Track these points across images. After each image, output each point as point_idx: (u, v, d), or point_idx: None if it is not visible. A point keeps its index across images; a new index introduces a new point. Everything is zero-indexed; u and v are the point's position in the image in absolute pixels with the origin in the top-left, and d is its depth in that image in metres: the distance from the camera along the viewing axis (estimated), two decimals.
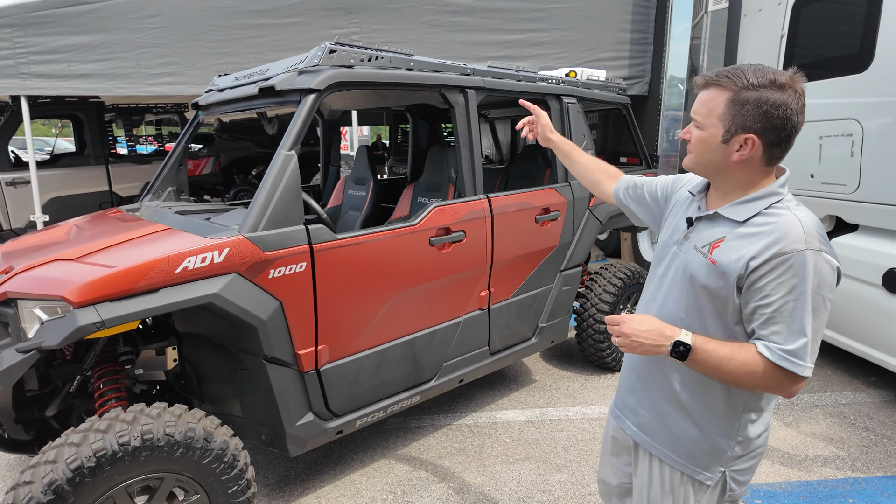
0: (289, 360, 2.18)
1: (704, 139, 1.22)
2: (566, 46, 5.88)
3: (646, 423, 1.43)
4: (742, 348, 1.18)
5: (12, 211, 6.26)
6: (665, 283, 1.38)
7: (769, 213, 1.20)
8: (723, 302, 1.23)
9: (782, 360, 1.14)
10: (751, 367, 1.16)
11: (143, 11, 5.27)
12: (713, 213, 1.29)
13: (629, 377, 1.50)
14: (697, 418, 1.33)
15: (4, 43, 5.16)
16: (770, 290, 1.15)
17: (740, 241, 1.20)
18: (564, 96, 3.31)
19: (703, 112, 1.22)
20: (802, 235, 1.13)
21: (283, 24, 5.43)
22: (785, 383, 1.16)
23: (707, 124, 1.21)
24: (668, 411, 1.37)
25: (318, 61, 2.27)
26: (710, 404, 1.31)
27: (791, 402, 3.46)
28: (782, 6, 4.09)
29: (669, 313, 1.34)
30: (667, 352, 1.21)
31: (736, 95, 1.16)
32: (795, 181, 3.97)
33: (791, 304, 1.13)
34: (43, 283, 1.84)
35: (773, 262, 1.14)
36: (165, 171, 3.10)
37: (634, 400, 1.47)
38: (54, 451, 1.73)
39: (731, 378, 1.19)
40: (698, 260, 1.27)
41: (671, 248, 1.39)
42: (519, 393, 3.63)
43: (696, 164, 1.29)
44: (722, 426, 1.31)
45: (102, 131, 6.83)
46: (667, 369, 1.36)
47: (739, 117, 1.16)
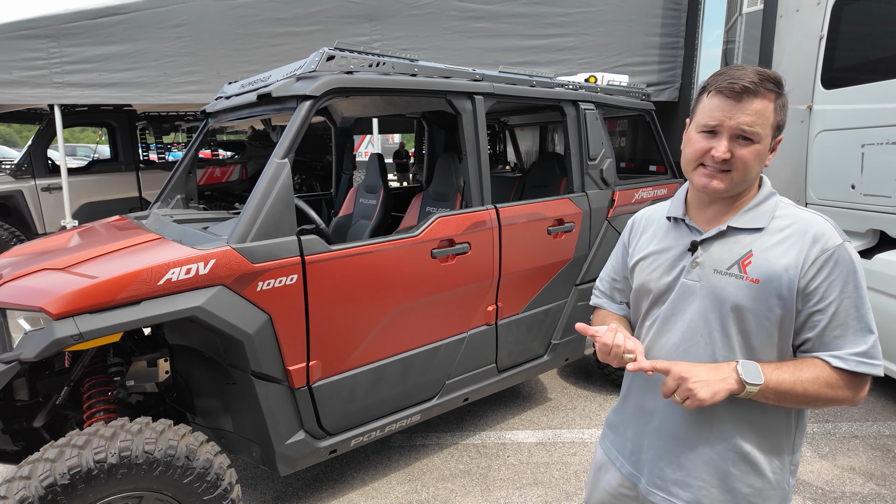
0: (278, 376, 2.10)
1: (760, 151, 1.09)
2: (592, 51, 5.71)
3: (705, 495, 1.16)
4: (804, 362, 1.06)
5: (47, 216, 6.46)
6: (682, 323, 1.17)
7: (782, 214, 1.12)
8: (776, 323, 1.08)
9: (860, 366, 1.03)
10: (825, 380, 1.04)
11: (171, 21, 5.36)
12: (725, 227, 1.13)
13: (662, 446, 1.22)
14: (763, 464, 1.13)
15: (39, 53, 5.33)
16: (824, 293, 1.05)
17: (776, 251, 1.08)
18: (582, 102, 3.16)
19: (762, 123, 1.07)
20: (833, 229, 1.07)
21: (306, 32, 5.45)
22: (857, 391, 1.06)
23: (764, 134, 1.08)
24: (730, 471, 1.14)
25: (316, 67, 2.20)
26: (773, 443, 1.14)
27: (828, 432, 3.19)
28: (821, 6, 3.84)
29: (706, 355, 1.13)
30: (736, 382, 1.02)
31: (779, 100, 1.09)
32: (834, 193, 3.70)
33: (848, 302, 1.05)
34: (26, 292, 1.81)
35: (819, 261, 1.05)
36: (175, 178, 3.09)
37: (682, 471, 1.19)
38: (29, 466, 1.68)
39: (806, 397, 1.04)
40: (734, 284, 1.10)
41: (673, 283, 1.19)
42: (532, 412, 3.47)
43: (741, 182, 1.10)
44: (780, 462, 1.15)
45: (133, 139, 7.01)
46: (716, 418, 1.14)
47: (783, 119, 1.12)
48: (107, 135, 7.34)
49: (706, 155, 1.11)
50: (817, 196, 3.88)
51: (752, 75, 1.06)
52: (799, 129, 4.03)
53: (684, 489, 1.19)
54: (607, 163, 3.26)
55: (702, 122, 1.12)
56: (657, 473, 1.23)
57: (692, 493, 1.18)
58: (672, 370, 1.05)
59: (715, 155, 1.08)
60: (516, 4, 5.56)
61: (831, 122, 3.74)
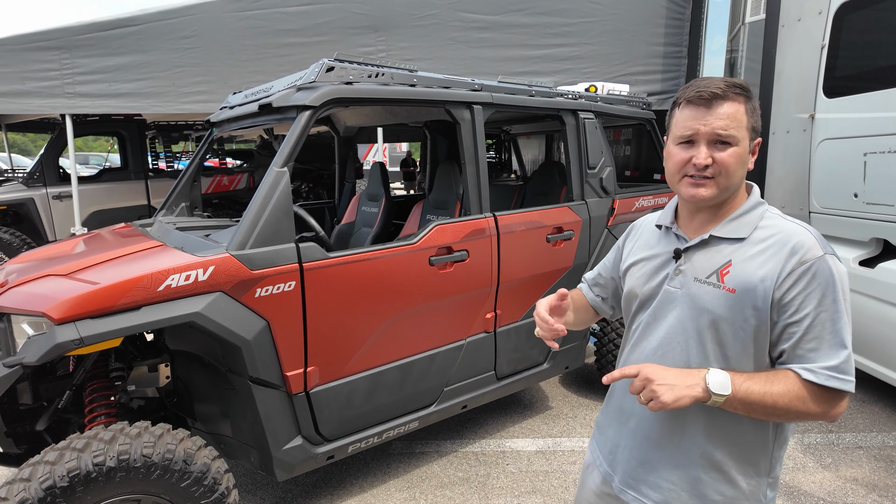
0: (276, 382, 2.13)
1: (740, 154, 1.11)
2: (595, 61, 5.74)
3: (675, 498, 1.18)
4: (777, 375, 1.05)
5: (57, 223, 6.56)
6: (661, 329, 1.20)
7: (766, 225, 1.12)
8: (751, 334, 1.09)
9: (830, 380, 1.02)
10: (795, 393, 1.03)
11: (179, 32, 5.46)
12: (707, 237, 1.15)
13: (636, 447, 1.24)
14: (735, 473, 1.14)
15: (52, 64, 5.45)
16: (800, 305, 1.04)
17: (754, 261, 1.09)
18: (581, 111, 3.19)
19: (736, 125, 1.09)
20: (815, 241, 1.07)
21: (312, 43, 5.53)
22: (830, 406, 1.04)
23: (740, 137, 1.10)
24: (700, 476, 1.15)
25: (316, 78, 2.24)
26: (745, 453, 1.14)
27: (831, 442, 3.16)
28: (823, 15, 3.85)
29: (681, 361, 1.15)
30: (703, 390, 1.02)
31: (749, 103, 1.12)
32: (837, 201, 3.69)
33: (824, 316, 1.04)
34: (29, 298, 1.85)
35: (796, 273, 1.05)
36: (180, 187, 3.14)
37: (653, 473, 1.21)
38: (30, 468, 1.71)
39: (776, 410, 1.03)
40: (711, 293, 1.11)
41: (657, 289, 1.22)
42: (532, 420, 3.47)
43: (726, 187, 1.12)
44: (755, 473, 1.15)
45: (143, 148, 7.11)
46: (688, 424, 1.15)
47: (757, 123, 1.14)
48: (117, 144, 7.47)
49: (688, 165, 1.13)
50: (820, 205, 3.87)
51: (718, 82, 1.11)
52: (802, 138, 4.02)
53: (655, 490, 1.20)
54: (607, 171, 3.28)
55: (678, 134, 1.15)
56: (630, 473, 1.25)
57: (662, 495, 1.19)
58: (641, 371, 1.05)
59: (696, 162, 1.10)
60: (520, 15, 5.61)
61: (834, 131, 3.74)
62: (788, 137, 4.19)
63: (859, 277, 3.43)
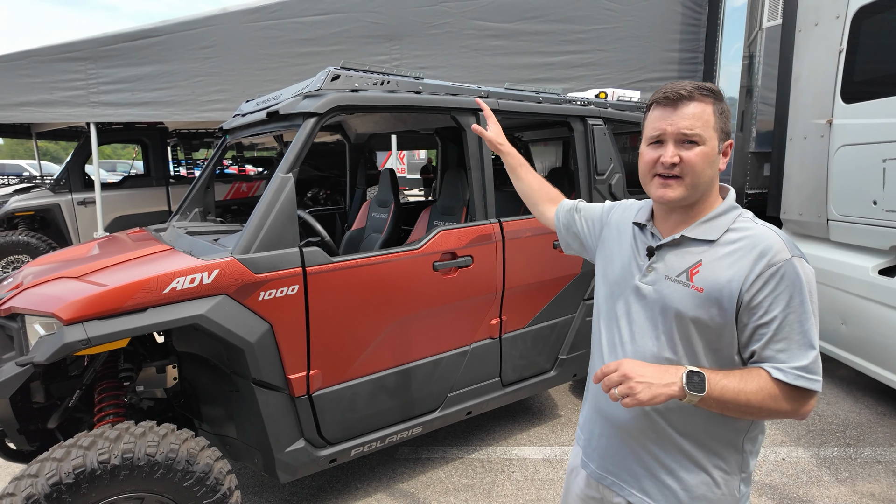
0: (279, 384, 2.15)
1: (706, 153, 1.14)
2: (610, 67, 5.72)
3: (651, 485, 1.23)
4: (750, 373, 1.09)
5: (82, 228, 6.75)
6: (634, 324, 1.24)
7: (737, 227, 1.15)
8: (717, 332, 1.13)
9: (798, 379, 1.06)
10: (768, 392, 1.06)
11: (199, 43, 5.60)
12: (679, 237, 1.19)
13: (616, 437, 1.28)
14: (705, 464, 1.19)
15: (78, 75, 5.63)
16: (769, 306, 1.07)
17: (723, 262, 1.12)
18: (590, 118, 3.18)
19: (702, 125, 1.13)
20: (783, 244, 1.09)
21: (327, 52, 5.62)
22: (800, 404, 1.08)
23: (707, 137, 1.14)
24: (673, 465, 1.20)
25: (321, 86, 2.28)
26: (713, 446, 1.18)
27: (848, 456, 3.07)
28: (840, 19, 3.78)
29: (652, 355, 1.19)
30: (679, 389, 1.04)
31: (717, 105, 1.15)
32: (856, 209, 3.60)
33: (793, 317, 1.07)
34: (41, 299, 1.91)
35: (764, 275, 1.08)
36: (194, 192, 3.21)
37: (632, 461, 1.26)
38: (38, 464, 1.76)
39: (749, 408, 1.07)
40: (680, 291, 1.15)
41: (630, 282, 1.26)
42: (540, 428, 3.44)
43: (693, 186, 1.15)
44: (727, 467, 1.19)
45: (164, 155, 7.29)
46: (658, 419, 1.20)
47: (727, 125, 1.16)
48: (141, 151, 7.67)
49: (657, 164, 1.17)
50: (839, 212, 3.79)
51: (686, 85, 1.15)
52: (819, 144, 3.95)
53: (631, 476, 1.26)
54: (616, 178, 3.26)
55: (648, 135, 1.20)
56: (608, 459, 1.31)
57: (638, 483, 1.25)
58: (620, 367, 1.08)
59: (663, 160, 1.15)
60: (533, 22, 5.62)
61: (852, 137, 3.66)
62: (806, 144, 4.11)
63: (879, 287, 3.34)
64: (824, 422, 3.49)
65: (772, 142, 4.98)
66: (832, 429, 3.40)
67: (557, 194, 1.73)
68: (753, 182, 5.35)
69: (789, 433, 3.35)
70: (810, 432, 3.36)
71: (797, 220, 4.25)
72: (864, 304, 3.47)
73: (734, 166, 5.30)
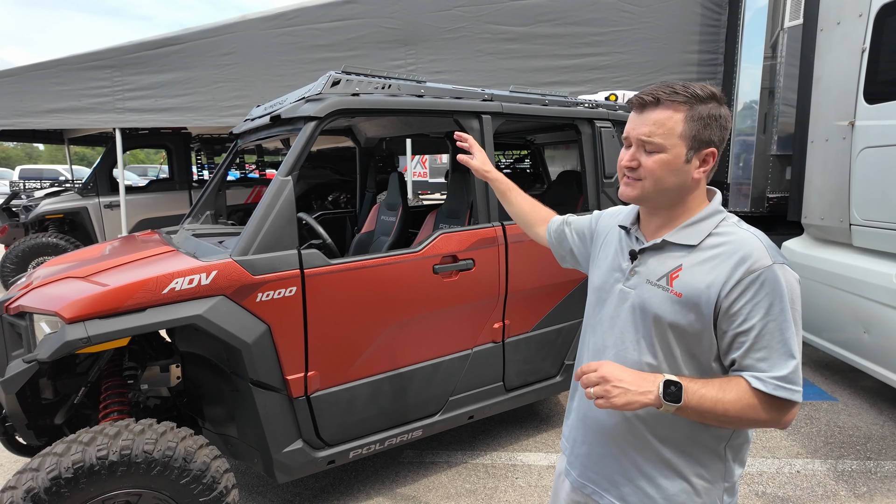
0: (277, 385, 2.18)
1: (667, 161, 1.12)
2: (627, 70, 5.65)
3: (630, 492, 1.22)
4: (730, 382, 1.07)
5: (108, 231, 6.96)
6: (617, 328, 1.23)
7: (720, 232, 1.12)
8: (696, 338, 1.11)
9: (777, 390, 1.03)
10: (746, 402, 1.04)
11: (220, 50, 5.73)
12: (661, 241, 1.17)
13: (598, 444, 1.27)
14: (686, 472, 1.17)
15: (104, 82, 5.82)
16: (748, 314, 1.05)
17: (703, 267, 1.10)
18: (597, 120, 3.14)
19: (662, 133, 1.11)
20: (765, 250, 1.06)
21: (344, 58, 5.68)
22: (780, 414, 1.06)
23: (669, 145, 1.11)
24: (652, 473, 1.19)
25: (321, 90, 2.31)
26: (694, 455, 1.16)
27: (868, 470, 2.95)
28: (863, 18, 3.66)
29: (633, 360, 1.18)
30: (655, 398, 1.03)
31: (693, 111, 1.10)
32: (880, 213, 3.47)
33: (773, 325, 1.04)
34: (47, 298, 1.97)
35: (744, 282, 1.05)
36: (206, 195, 3.28)
37: (612, 468, 1.25)
38: (39, 459, 1.82)
39: (727, 418, 1.05)
40: (659, 295, 1.14)
41: (615, 286, 1.25)
42: (547, 434, 3.40)
43: (652, 191, 1.15)
44: (709, 476, 1.16)
45: (188, 159, 7.47)
46: (638, 425, 1.19)
47: (703, 132, 1.11)
48: (166, 156, 7.88)
49: (622, 165, 1.19)
50: (862, 217, 3.65)
51: (661, 89, 1.12)
52: (841, 147, 3.82)
53: (611, 484, 1.25)
54: None
55: (623, 135, 1.21)
56: (589, 467, 1.29)
57: (617, 490, 1.23)
58: (600, 368, 1.07)
59: (621, 163, 1.18)
60: (549, 25, 5.59)
61: (875, 139, 3.53)
62: (828, 146, 3.99)
63: None
64: (844, 434, 3.36)
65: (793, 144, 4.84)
66: (852, 441, 3.27)
67: (549, 213, 1.71)
68: (775, 186, 5.21)
69: (806, 445, 3.24)
70: (828, 444, 3.24)
71: (819, 224, 4.11)
72: (887, 311, 3.34)
73: (755, 170, 5.18)
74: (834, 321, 3.79)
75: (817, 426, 3.47)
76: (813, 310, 4.00)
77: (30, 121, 5.88)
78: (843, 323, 3.70)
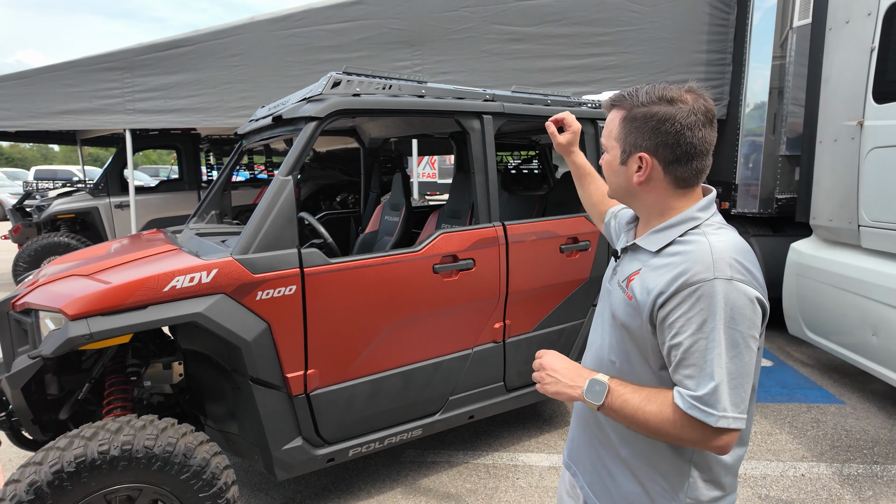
0: (276, 383, 2.19)
1: (608, 162, 1.18)
2: (634, 70, 5.62)
3: (594, 481, 1.26)
4: (659, 394, 1.05)
5: (118, 231, 7.05)
6: (601, 323, 1.27)
7: (684, 240, 1.07)
8: (642, 342, 1.11)
9: (691, 409, 0.99)
10: (666, 416, 1.02)
11: (228, 51, 5.78)
12: (632, 244, 1.19)
13: (578, 429, 1.35)
14: (641, 476, 1.16)
15: (115, 83, 5.89)
16: (679, 328, 1.01)
17: (651, 274, 1.09)
18: (600, 120, 3.13)
19: (605, 134, 1.18)
20: (711, 263, 1.00)
21: (350, 59, 5.71)
22: (705, 436, 1.00)
23: (609, 146, 1.16)
24: (612, 469, 1.21)
25: (322, 90, 2.33)
26: (652, 460, 1.15)
27: (874, 474, 2.91)
28: (872, 16, 3.62)
29: (604, 356, 1.22)
30: (581, 394, 1.10)
31: (627, 114, 1.11)
32: (889, 214, 3.43)
33: (702, 343, 0.98)
34: (52, 296, 2.01)
35: (679, 295, 1.01)
36: (211, 195, 3.31)
37: (584, 455, 1.31)
38: (43, 453, 1.85)
39: (647, 428, 1.05)
40: (619, 296, 1.16)
41: (606, 284, 1.28)
42: (549, 435, 3.39)
43: (610, 190, 1.23)
44: (666, 486, 1.13)
45: (197, 160, 7.55)
46: (602, 420, 1.22)
47: (631, 136, 1.10)
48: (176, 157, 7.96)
49: None
50: (871, 218, 3.61)
51: (619, 94, 1.15)
52: (850, 147, 3.77)
53: (586, 471, 1.30)
54: None
55: None
56: (573, 450, 1.36)
57: (588, 477, 1.29)
58: (544, 356, 1.17)
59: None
60: (556, 25, 5.58)
61: (884, 139, 3.49)
62: (836, 146, 3.94)
63: None
64: (851, 437, 3.32)
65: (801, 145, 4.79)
66: (859, 445, 3.23)
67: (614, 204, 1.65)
68: (784, 187, 5.16)
69: (811, 448, 3.20)
70: (835, 448, 3.20)
71: (827, 226, 4.07)
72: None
73: (763, 170, 5.13)
74: (842, 323, 3.74)
75: (824, 429, 3.43)
76: (820, 312, 3.95)
77: (43, 122, 5.97)
78: (851, 325, 3.66)
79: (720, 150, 5.48)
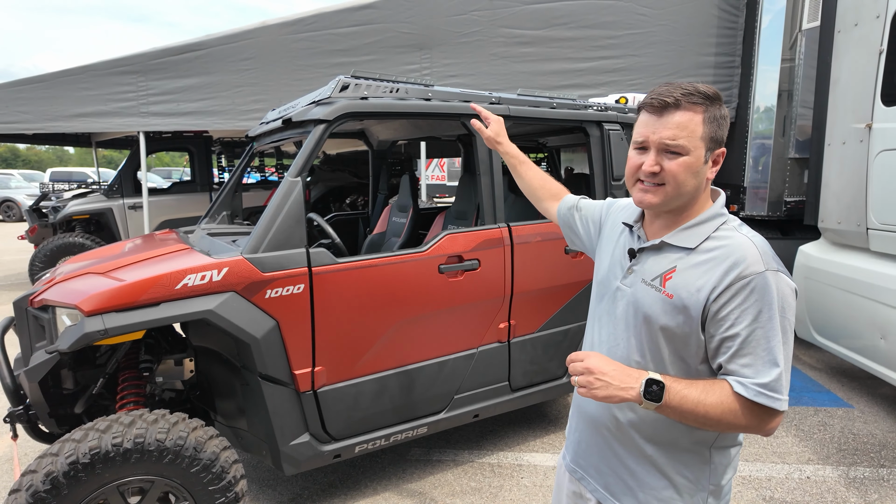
0: (285, 380, 2.24)
1: (690, 164, 1.10)
2: (642, 72, 5.63)
3: (612, 482, 1.25)
4: (714, 385, 1.07)
5: (132, 231, 7.17)
6: (612, 324, 1.25)
7: (718, 236, 1.12)
8: (684, 340, 1.11)
9: (759, 396, 1.03)
10: (728, 406, 1.04)
11: (240, 55, 5.88)
12: (659, 242, 1.18)
13: (587, 432, 1.32)
14: (668, 470, 1.18)
15: (129, 87, 6.01)
16: (735, 319, 1.04)
17: (696, 271, 1.10)
18: (606, 123, 3.16)
19: (686, 135, 1.09)
20: (759, 257, 1.06)
21: (360, 62, 5.78)
22: (762, 421, 1.05)
23: (692, 147, 1.10)
24: (634, 467, 1.21)
25: (331, 94, 2.38)
26: (677, 455, 1.17)
27: (881, 478, 2.90)
28: (881, 19, 3.61)
29: (623, 357, 1.20)
30: (636, 395, 1.05)
31: (709, 112, 1.10)
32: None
33: (760, 332, 1.03)
34: (68, 292, 2.07)
35: (734, 287, 1.04)
36: (223, 196, 3.38)
37: (597, 457, 1.29)
38: (59, 444, 1.91)
39: (707, 420, 1.05)
40: (652, 295, 1.15)
41: (613, 283, 1.26)
42: (555, 435, 3.41)
43: (675, 196, 1.13)
44: (692, 476, 1.17)
45: (209, 162, 7.66)
46: (623, 420, 1.21)
47: (718, 132, 1.12)
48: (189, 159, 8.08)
49: (640, 170, 1.15)
50: (879, 221, 3.60)
51: (676, 90, 1.10)
52: (858, 150, 3.77)
53: (601, 475, 1.27)
54: None
55: (634, 140, 1.17)
56: (580, 454, 1.34)
57: (603, 479, 1.26)
58: (587, 358, 1.09)
59: (644, 168, 1.13)
60: (563, 28, 5.61)
61: (893, 141, 3.48)
62: (844, 149, 3.93)
63: None
64: (858, 440, 3.31)
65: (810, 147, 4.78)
66: (866, 448, 3.22)
67: (560, 189, 1.68)
68: (793, 189, 5.14)
69: (818, 451, 3.20)
70: (841, 451, 3.19)
71: (836, 228, 4.05)
72: None
73: (772, 173, 5.12)
74: (850, 327, 3.73)
75: (831, 433, 3.43)
76: (829, 315, 3.94)
77: (59, 124, 6.10)
78: (859, 329, 3.65)
79: (729, 152, 5.46)
